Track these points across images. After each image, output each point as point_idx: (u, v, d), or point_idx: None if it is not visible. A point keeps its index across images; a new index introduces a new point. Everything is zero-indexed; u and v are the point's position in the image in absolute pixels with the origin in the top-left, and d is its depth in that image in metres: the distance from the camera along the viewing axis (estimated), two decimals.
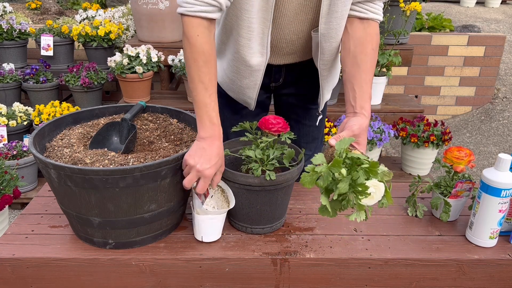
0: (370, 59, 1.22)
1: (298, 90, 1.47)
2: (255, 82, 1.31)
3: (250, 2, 1.15)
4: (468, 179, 1.21)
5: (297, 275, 1.10)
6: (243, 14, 1.18)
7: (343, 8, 1.19)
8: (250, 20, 1.18)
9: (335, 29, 1.23)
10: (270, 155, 1.09)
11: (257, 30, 1.20)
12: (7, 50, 3.43)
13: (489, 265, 1.10)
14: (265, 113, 1.55)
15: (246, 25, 1.19)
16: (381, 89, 3.00)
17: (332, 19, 1.20)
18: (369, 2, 1.22)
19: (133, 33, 3.68)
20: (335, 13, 1.19)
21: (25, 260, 1.06)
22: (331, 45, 1.26)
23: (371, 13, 1.23)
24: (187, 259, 1.07)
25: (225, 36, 1.30)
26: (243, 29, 1.20)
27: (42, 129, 1.16)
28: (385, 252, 1.11)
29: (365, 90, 1.20)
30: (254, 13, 1.17)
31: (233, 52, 1.28)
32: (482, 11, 5.24)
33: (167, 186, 1.05)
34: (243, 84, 1.32)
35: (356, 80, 1.21)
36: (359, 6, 1.22)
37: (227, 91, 1.42)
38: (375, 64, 1.25)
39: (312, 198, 1.34)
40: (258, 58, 1.26)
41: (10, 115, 2.88)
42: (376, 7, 1.23)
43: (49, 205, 1.27)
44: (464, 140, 3.67)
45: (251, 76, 1.30)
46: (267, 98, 1.50)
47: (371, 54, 1.23)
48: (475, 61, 3.78)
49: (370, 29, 1.24)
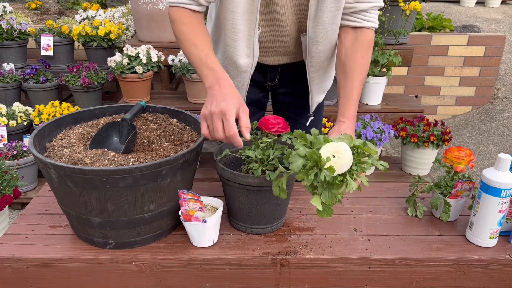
0: (359, 66, 1.24)
1: (293, 89, 1.49)
2: (243, 82, 1.34)
3: (234, 3, 1.18)
4: (468, 179, 1.21)
5: (297, 275, 1.10)
6: (228, 14, 1.21)
7: (329, 14, 1.22)
8: (235, 21, 1.21)
9: (322, 33, 1.25)
10: (270, 155, 1.09)
11: (243, 31, 1.23)
12: (7, 50, 3.43)
13: (489, 265, 1.10)
14: (262, 111, 1.56)
15: (231, 26, 1.22)
16: (381, 89, 3.00)
17: (319, 24, 1.23)
18: (364, 12, 1.24)
19: (133, 33, 3.68)
20: (321, 18, 1.22)
21: (25, 260, 1.06)
22: (318, 48, 1.29)
23: (366, 21, 1.25)
24: (187, 259, 1.07)
25: (217, 35, 1.33)
26: (228, 29, 1.23)
27: (42, 129, 1.16)
28: (385, 252, 1.11)
29: (349, 96, 1.23)
30: (239, 14, 1.20)
31: (222, 51, 1.31)
32: (482, 11, 5.24)
33: (167, 186, 1.05)
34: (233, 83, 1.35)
35: (343, 89, 1.25)
36: (353, 16, 1.25)
37: None
38: (365, 69, 1.26)
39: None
40: (245, 59, 1.27)
41: (10, 115, 2.88)
42: (370, 15, 1.25)
43: (49, 205, 1.27)
44: (464, 140, 3.67)
45: (239, 77, 1.33)
46: (263, 97, 1.51)
47: (360, 62, 1.24)
48: (475, 61, 3.78)
49: (362, 37, 1.26)
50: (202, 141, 1.12)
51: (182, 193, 1.04)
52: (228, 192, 1.14)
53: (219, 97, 1.02)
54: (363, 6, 1.22)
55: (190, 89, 2.90)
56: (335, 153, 0.93)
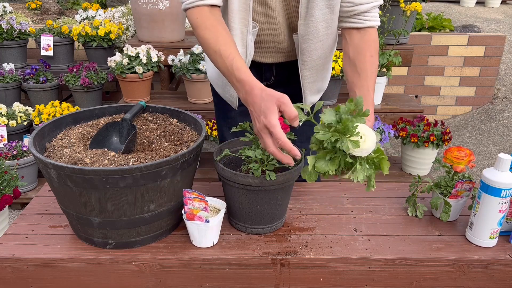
0: (370, 65, 1.24)
1: (289, 90, 1.49)
2: None
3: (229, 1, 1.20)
4: (468, 179, 1.21)
5: (297, 275, 1.10)
6: (226, 11, 1.23)
7: (319, 13, 1.23)
8: (232, 20, 1.23)
9: (313, 31, 1.27)
10: (270, 155, 1.09)
11: (238, 29, 1.24)
12: (7, 50, 3.43)
13: (489, 265, 1.10)
14: None
15: (228, 23, 1.22)
16: (381, 89, 3.01)
17: (310, 22, 1.25)
18: (365, 13, 1.25)
19: (133, 33, 3.68)
20: (312, 16, 1.23)
21: (25, 260, 1.06)
22: (309, 46, 1.30)
23: (368, 21, 1.26)
24: (187, 259, 1.07)
25: None
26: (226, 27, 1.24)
27: (42, 129, 1.16)
28: (385, 252, 1.11)
29: (367, 97, 1.22)
30: (235, 12, 1.22)
31: None
32: (482, 11, 5.24)
33: (167, 186, 1.05)
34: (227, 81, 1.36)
35: (358, 88, 1.24)
36: (356, 18, 1.26)
37: (215, 86, 1.46)
38: (376, 69, 1.27)
39: (312, 198, 1.34)
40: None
41: (10, 115, 2.88)
42: (372, 15, 1.26)
43: (49, 205, 1.27)
44: (464, 140, 3.67)
45: None
46: None
47: (370, 61, 1.25)
48: (475, 61, 3.78)
49: (367, 36, 1.27)
50: (202, 141, 1.12)
51: (187, 192, 1.04)
52: (228, 192, 1.14)
53: (257, 111, 1.00)
54: (364, 7, 1.23)
55: (190, 89, 2.90)
56: (363, 135, 0.93)
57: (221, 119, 1.57)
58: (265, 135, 0.98)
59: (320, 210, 1.28)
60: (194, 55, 2.84)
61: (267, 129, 0.97)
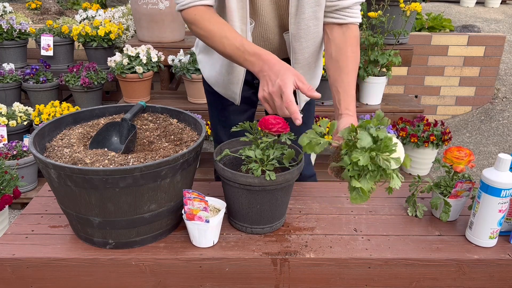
0: (351, 61, 1.26)
1: None
2: (238, 77, 1.38)
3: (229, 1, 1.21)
4: (468, 179, 1.21)
5: (297, 275, 1.10)
6: (224, 10, 1.24)
7: (310, 10, 1.25)
8: (231, 18, 1.24)
9: (304, 29, 1.28)
10: (270, 155, 1.09)
11: (238, 27, 1.27)
12: (7, 50, 3.43)
13: (489, 265, 1.10)
14: (253, 109, 1.59)
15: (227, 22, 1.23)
16: (381, 89, 3.00)
17: (300, 20, 1.26)
18: (347, 8, 1.27)
19: (133, 33, 3.68)
20: (302, 14, 1.25)
21: (25, 260, 1.06)
22: (301, 45, 1.32)
23: (349, 17, 1.28)
24: (187, 259, 1.07)
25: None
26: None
27: (42, 129, 1.16)
28: (385, 252, 1.11)
29: (348, 92, 1.24)
30: (233, 10, 1.23)
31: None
32: (482, 11, 5.25)
33: (167, 186, 1.05)
34: (228, 79, 1.39)
35: (339, 84, 1.25)
36: (337, 13, 1.28)
37: (214, 86, 1.47)
38: (357, 65, 1.29)
39: (312, 198, 1.34)
40: None
41: (10, 115, 2.88)
42: (353, 11, 1.29)
43: (49, 205, 1.27)
44: (464, 140, 3.67)
45: (234, 72, 1.36)
46: (253, 94, 1.53)
47: (352, 57, 1.26)
48: (475, 61, 3.78)
49: (349, 33, 1.28)
50: (202, 141, 1.12)
51: (187, 192, 1.04)
52: (228, 192, 1.14)
53: (273, 76, 1.04)
54: (346, 3, 1.25)
55: (190, 89, 2.90)
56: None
57: (216, 118, 1.59)
58: (276, 97, 1.02)
59: (320, 210, 1.28)
60: (194, 55, 2.84)
61: (280, 89, 1.01)
